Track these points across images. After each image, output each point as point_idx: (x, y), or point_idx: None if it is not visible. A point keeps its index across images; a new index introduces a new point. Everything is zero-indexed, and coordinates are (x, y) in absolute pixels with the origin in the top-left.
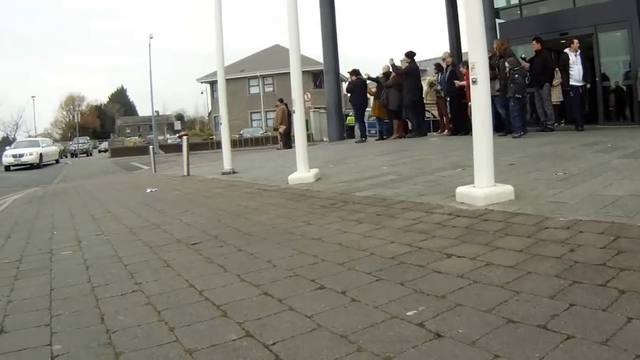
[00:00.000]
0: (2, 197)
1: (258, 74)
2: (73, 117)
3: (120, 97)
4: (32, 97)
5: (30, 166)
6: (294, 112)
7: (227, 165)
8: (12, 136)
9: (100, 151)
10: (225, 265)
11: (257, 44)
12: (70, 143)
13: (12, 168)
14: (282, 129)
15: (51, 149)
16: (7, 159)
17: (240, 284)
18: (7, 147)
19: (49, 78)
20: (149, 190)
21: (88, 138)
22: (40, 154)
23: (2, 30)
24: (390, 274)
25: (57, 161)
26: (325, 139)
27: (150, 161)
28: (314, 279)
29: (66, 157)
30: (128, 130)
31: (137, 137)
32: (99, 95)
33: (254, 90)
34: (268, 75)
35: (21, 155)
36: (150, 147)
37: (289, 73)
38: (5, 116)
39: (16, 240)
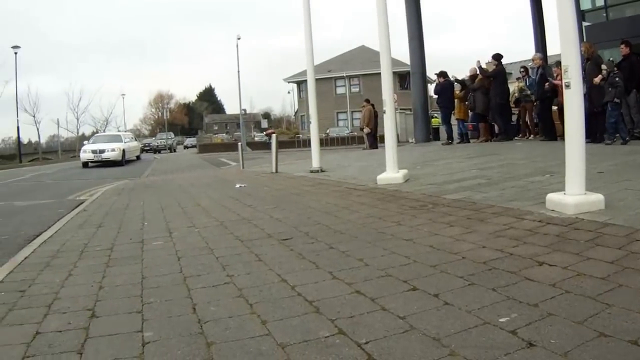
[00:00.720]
0: (93, 188)
1: (344, 75)
2: (162, 114)
3: (208, 96)
4: (122, 94)
5: (111, 164)
6: (384, 112)
7: (315, 163)
8: (102, 131)
9: (186, 147)
10: (317, 262)
11: (340, 43)
12: (153, 139)
13: (90, 164)
14: (367, 130)
15: (133, 145)
16: (86, 154)
17: (333, 281)
18: (85, 142)
19: (140, 77)
20: (238, 186)
21: (172, 134)
22: (123, 150)
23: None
24: (482, 279)
25: (138, 157)
26: (410, 140)
27: (237, 157)
28: (406, 280)
29: (152, 153)
30: (215, 128)
31: (224, 134)
32: (187, 93)
33: (340, 90)
34: (354, 76)
35: (102, 151)
36: (239, 144)
37: (375, 74)
38: (96, 112)
39: (107, 229)
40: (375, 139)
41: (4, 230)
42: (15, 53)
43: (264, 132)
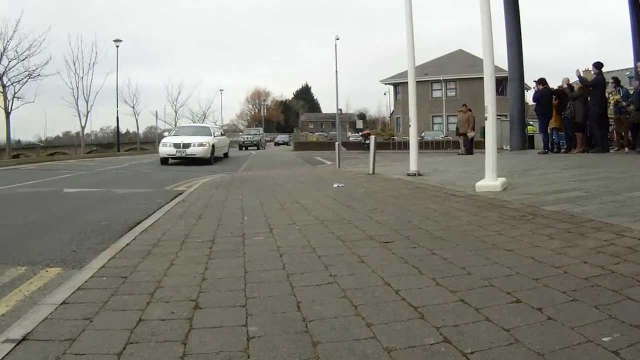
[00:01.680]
0: (190, 180)
1: (441, 78)
2: (259, 110)
3: (304, 94)
4: (221, 90)
5: (197, 161)
6: (485, 118)
7: (413, 166)
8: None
9: (277, 144)
10: (420, 267)
11: (436, 45)
12: (240, 134)
13: (171, 161)
14: (472, 134)
15: (222, 140)
16: (166, 149)
17: (436, 287)
18: (166, 133)
19: (238, 74)
20: (335, 185)
21: (261, 129)
22: (213, 146)
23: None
24: (584, 296)
25: (225, 155)
26: (505, 147)
27: (333, 157)
28: (510, 292)
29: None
30: (311, 126)
31: (319, 133)
32: (284, 91)
33: (436, 94)
34: (451, 80)
35: (186, 146)
36: (336, 143)
37: (472, 79)
38: (194, 106)
39: (207, 221)
40: (471, 145)
41: (104, 216)
42: (117, 46)
43: (360, 133)
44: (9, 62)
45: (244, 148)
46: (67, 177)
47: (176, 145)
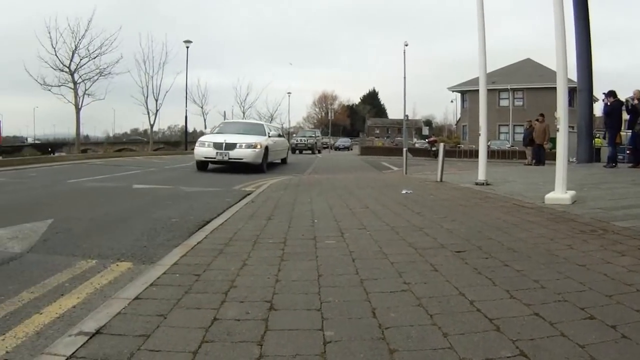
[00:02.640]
0: (257, 180)
1: (509, 87)
2: (325, 113)
3: (371, 99)
4: (288, 93)
5: (243, 167)
6: (557, 130)
7: (481, 176)
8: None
9: (337, 149)
10: (493, 279)
11: (503, 54)
12: (294, 136)
13: (210, 166)
14: (548, 145)
15: (280, 142)
16: (204, 149)
17: (510, 300)
18: (207, 130)
19: (306, 77)
20: (404, 192)
21: (318, 131)
22: (266, 148)
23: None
24: None
25: (283, 161)
26: (571, 159)
27: (399, 162)
28: (583, 307)
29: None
30: (377, 131)
31: (385, 138)
32: (351, 95)
33: (503, 103)
34: (518, 89)
35: (230, 146)
36: (404, 149)
37: (539, 88)
38: (262, 108)
39: (278, 222)
40: (543, 156)
41: (174, 213)
42: (187, 47)
43: (427, 140)
44: (81, 59)
45: (297, 151)
46: (135, 173)
47: (217, 146)
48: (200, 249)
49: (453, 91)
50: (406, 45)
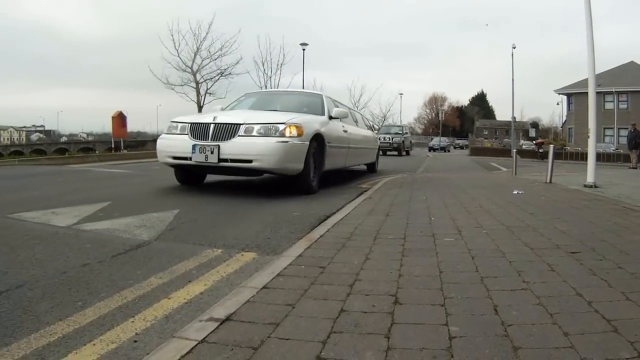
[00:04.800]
0: (372, 178)
1: (613, 90)
2: (436, 114)
3: (480, 101)
4: (400, 94)
5: (258, 177)
6: None
7: (590, 178)
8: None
9: (431, 149)
10: (608, 280)
11: (605, 57)
12: (376, 133)
13: (192, 172)
14: None
15: (361, 138)
16: (173, 141)
17: (626, 302)
18: (219, 107)
19: (417, 79)
20: (515, 192)
21: (406, 128)
22: (319, 140)
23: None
24: None
25: (371, 167)
26: None
27: (506, 163)
28: None
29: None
30: (485, 132)
31: (494, 139)
32: (460, 97)
33: (608, 106)
34: (623, 92)
35: (224, 133)
36: (513, 150)
37: None
38: (375, 108)
39: (396, 219)
40: None
41: (295, 208)
42: (303, 49)
43: (534, 142)
44: (202, 60)
45: (383, 152)
46: None
47: (197, 132)
48: (323, 242)
49: (559, 93)
50: (514, 47)
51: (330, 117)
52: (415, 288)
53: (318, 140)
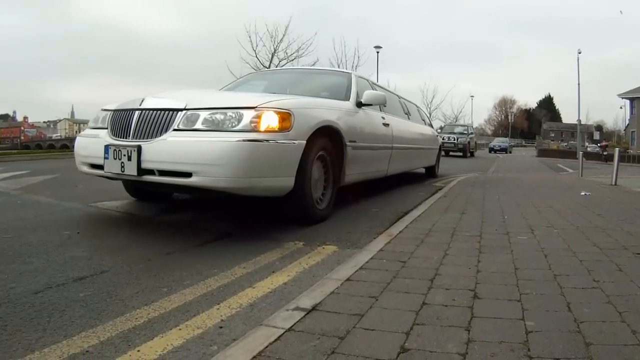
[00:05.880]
0: (449, 177)
1: None
2: (505, 117)
3: (547, 104)
4: (471, 96)
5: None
6: None
7: None
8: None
9: (492, 150)
10: None
11: None
12: (439, 131)
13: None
14: None
15: (420, 134)
16: (87, 140)
17: None
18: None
19: (487, 81)
20: (583, 193)
21: (469, 127)
22: (336, 136)
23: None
24: None
25: (429, 171)
26: None
27: (573, 165)
28: None
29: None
30: (552, 135)
31: (560, 142)
32: (528, 99)
33: None
34: None
35: (147, 129)
36: (579, 153)
37: None
38: (447, 110)
39: (471, 217)
40: None
41: (373, 205)
42: (377, 52)
43: (599, 145)
44: (279, 61)
45: (442, 152)
46: None
47: (117, 129)
48: (402, 238)
49: (622, 98)
50: (579, 52)
51: (360, 104)
52: (493, 284)
53: (331, 136)
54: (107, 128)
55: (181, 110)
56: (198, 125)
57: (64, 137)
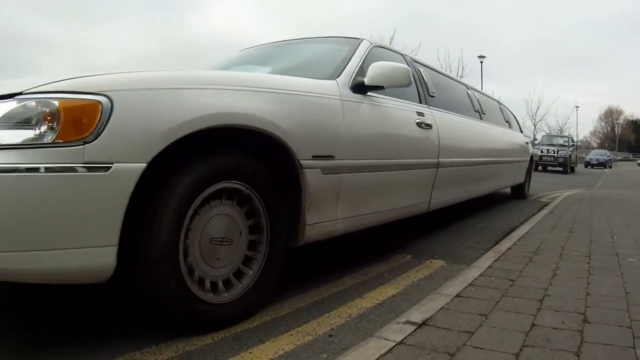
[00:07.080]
0: (551, 192)
1: None
2: (611, 128)
3: None
4: (576, 107)
5: None
6: None
7: None
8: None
9: (589, 164)
10: None
11: None
12: (536, 142)
13: None
14: None
15: (510, 141)
16: None
17: None
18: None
19: (592, 91)
20: None
21: (571, 139)
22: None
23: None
24: None
25: (517, 191)
26: None
27: None
28: None
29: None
30: None
31: None
32: (635, 110)
33: None
34: None
35: None
36: None
37: None
38: (551, 121)
39: (579, 235)
40: None
41: (480, 220)
42: (481, 62)
43: None
44: None
45: (539, 167)
46: None
47: None
48: (510, 255)
49: None
50: None
51: (363, 87)
52: (603, 308)
53: (261, 149)
54: None
55: None
56: None
57: None
